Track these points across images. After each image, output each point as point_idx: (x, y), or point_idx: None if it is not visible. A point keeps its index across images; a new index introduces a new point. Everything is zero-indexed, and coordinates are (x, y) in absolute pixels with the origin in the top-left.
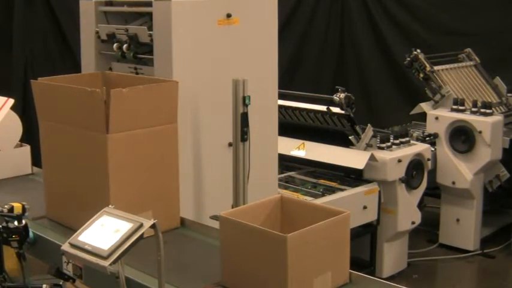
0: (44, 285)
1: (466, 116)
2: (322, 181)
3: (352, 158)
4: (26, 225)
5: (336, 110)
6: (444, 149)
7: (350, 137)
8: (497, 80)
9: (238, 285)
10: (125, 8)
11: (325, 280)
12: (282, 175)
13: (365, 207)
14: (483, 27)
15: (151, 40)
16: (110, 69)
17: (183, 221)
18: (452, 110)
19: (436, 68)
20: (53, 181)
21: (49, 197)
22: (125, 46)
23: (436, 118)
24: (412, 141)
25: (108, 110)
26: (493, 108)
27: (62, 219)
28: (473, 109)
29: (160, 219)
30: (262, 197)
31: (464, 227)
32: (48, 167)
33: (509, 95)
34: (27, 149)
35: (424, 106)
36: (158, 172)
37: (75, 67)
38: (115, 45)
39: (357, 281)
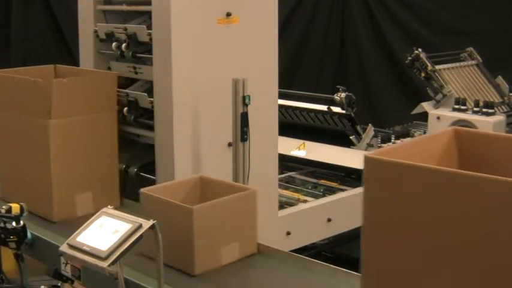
0: (42, 287)
1: (468, 116)
2: (322, 181)
3: (353, 158)
4: (24, 226)
5: (336, 109)
6: None
7: (351, 137)
8: (500, 80)
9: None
10: (124, 7)
11: (233, 250)
12: (282, 175)
13: None
14: (485, 26)
15: (151, 39)
16: (109, 68)
17: (122, 202)
18: (454, 109)
19: (437, 67)
20: (6, 165)
21: (3, 180)
22: (123, 45)
23: (438, 118)
24: None
25: (50, 98)
26: (495, 108)
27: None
28: (475, 109)
29: (100, 200)
30: (262, 198)
31: None
32: (2, 153)
33: (511, 94)
34: None
35: (426, 106)
36: (98, 156)
37: (74, 66)
38: (114, 44)
39: (265, 252)
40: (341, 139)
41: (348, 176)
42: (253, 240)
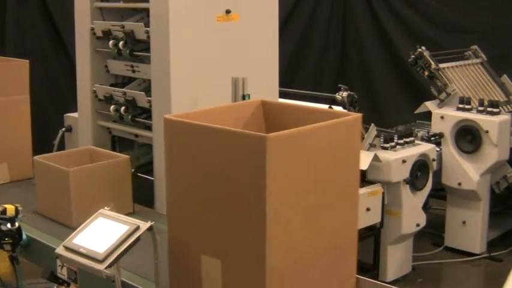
0: None
1: (472, 115)
2: None
3: None
4: (19, 228)
5: (338, 108)
6: (450, 149)
7: None
8: (504, 78)
9: (47, 211)
10: (121, 4)
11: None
12: None
13: (368, 209)
14: (490, 24)
15: (148, 37)
16: (106, 66)
17: None
18: (458, 109)
19: (441, 65)
20: None
21: None
22: (121, 43)
23: (442, 117)
24: (416, 141)
25: None
26: (500, 107)
27: None
28: (480, 108)
29: (15, 170)
30: None
31: (470, 229)
32: None
33: None
34: None
35: (429, 105)
36: (11, 132)
37: (70, 65)
38: (111, 42)
39: (139, 212)
40: None
41: None
42: (128, 200)
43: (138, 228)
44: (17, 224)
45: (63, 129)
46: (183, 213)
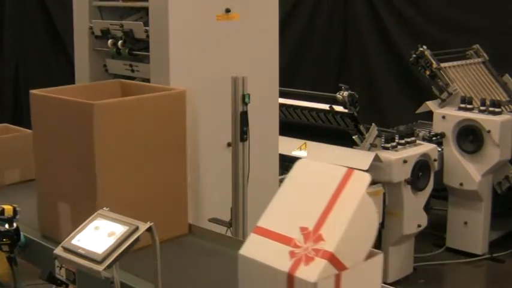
0: None
1: (474, 115)
2: None
3: (355, 158)
4: (17, 228)
5: (339, 108)
6: (451, 149)
7: (354, 137)
8: (507, 78)
9: None
10: (120, 3)
11: (14, 174)
12: (283, 176)
13: None
14: (492, 23)
15: (148, 36)
16: (105, 66)
17: None
18: (460, 108)
19: (442, 65)
20: None
21: None
22: (120, 42)
23: (443, 117)
24: (418, 141)
25: None
26: (502, 107)
27: None
28: (482, 108)
29: None
30: (262, 199)
31: (472, 230)
32: None
33: None
34: None
35: (431, 104)
36: None
37: (69, 64)
38: (110, 41)
39: None
40: (343, 139)
41: None
42: (31, 168)
43: (137, 228)
44: (15, 224)
45: None
46: (44, 172)
